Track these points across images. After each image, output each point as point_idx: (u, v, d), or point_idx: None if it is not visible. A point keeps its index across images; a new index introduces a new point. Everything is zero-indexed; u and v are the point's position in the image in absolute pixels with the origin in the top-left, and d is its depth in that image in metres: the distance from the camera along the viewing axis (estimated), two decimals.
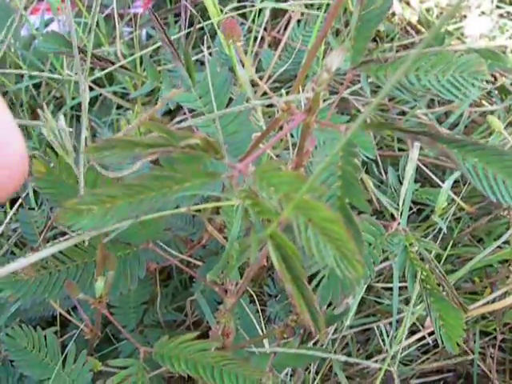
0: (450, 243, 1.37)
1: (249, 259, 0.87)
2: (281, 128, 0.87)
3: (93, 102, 1.82)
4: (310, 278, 0.85)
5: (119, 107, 1.71)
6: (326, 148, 0.69)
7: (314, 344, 1.20)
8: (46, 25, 1.85)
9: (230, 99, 1.02)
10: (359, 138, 1.07)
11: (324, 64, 0.60)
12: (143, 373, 0.95)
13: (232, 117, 0.98)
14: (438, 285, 0.94)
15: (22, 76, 1.69)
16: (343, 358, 1.08)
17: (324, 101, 0.84)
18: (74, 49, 0.75)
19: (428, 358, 1.50)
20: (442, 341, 0.93)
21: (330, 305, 0.97)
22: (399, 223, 0.97)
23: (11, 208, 1.37)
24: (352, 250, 0.54)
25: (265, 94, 1.36)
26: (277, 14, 1.84)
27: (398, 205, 1.06)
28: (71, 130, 0.84)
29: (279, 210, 0.55)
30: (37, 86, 1.78)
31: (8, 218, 1.31)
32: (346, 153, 0.66)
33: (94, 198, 0.56)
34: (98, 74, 1.07)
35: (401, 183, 1.10)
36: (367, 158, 1.11)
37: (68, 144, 0.80)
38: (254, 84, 1.30)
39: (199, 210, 1.17)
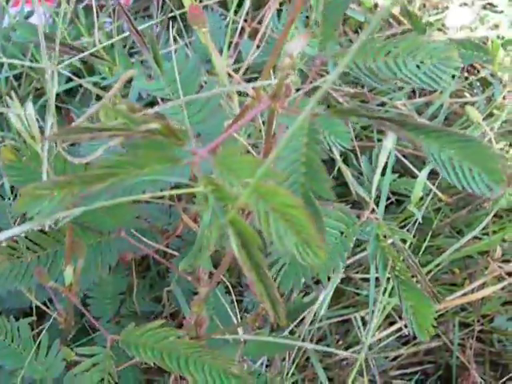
0: (429, 234, 1.37)
1: (218, 248, 0.86)
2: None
3: (74, 93, 1.81)
4: (271, 265, 0.85)
5: (100, 98, 1.70)
6: (287, 135, 0.69)
7: (290, 334, 1.20)
8: (27, 17, 1.83)
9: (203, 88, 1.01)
10: (334, 127, 1.06)
11: (286, 49, 0.60)
12: (110, 361, 0.94)
13: (201, 104, 0.98)
14: (412, 276, 0.93)
15: (2, 66, 1.68)
16: (311, 346, 1.08)
17: (297, 90, 0.83)
18: (40, 35, 0.75)
19: (407, 349, 1.50)
20: (414, 330, 0.92)
21: (300, 293, 0.97)
22: (372, 211, 0.97)
23: None
24: (313, 236, 0.54)
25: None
26: (259, 4, 1.83)
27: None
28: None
29: (240, 196, 0.55)
30: (17, 78, 1.77)
31: None
32: (311, 139, 0.66)
33: (52, 183, 0.55)
34: (70, 60, 1.06)
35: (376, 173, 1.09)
36: (345, 148, 1.10)
37: (35, 131, 0.79)
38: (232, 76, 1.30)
39: (174, 200, 1.17)
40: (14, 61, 1.09)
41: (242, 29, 1.61)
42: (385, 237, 0.93)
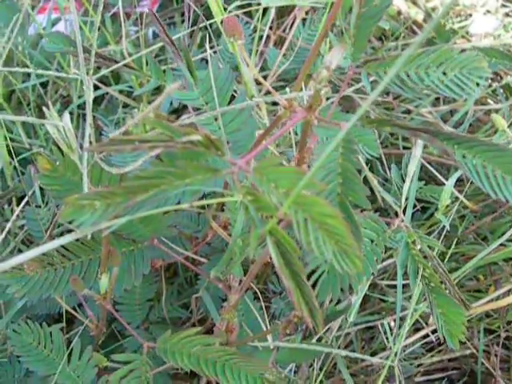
0: (454, 241, 1.37)
1: (254, 256, 0.87)
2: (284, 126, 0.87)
3: (99, 101, 1.82)
4: (310, 274, 0.86)
5: (126, 106, 1.72)
6: (326, 145, 0.70)
7: (318, 340, 1.21)
8: (53, 24, 1.85)
9: (234, 97, 1.02)
10: (363, 136, 1.07)
11: (324, 61, 0.61)
12: (146, 367, 0.96)
13: (234, 114, 0.99)
14: (441, 282, 0.94)
15: (29, 75, 1.70)
16: (344, 353, 1.08)
17: (327, 99, 0.84)
18: (79, 47, 0.76)
19: (432, 356, 1.51)
20: (444, 338, 0.93)
21: (332, 301, 0.97)
22: (402, 220, 0.98)
23: (18, 205, 1.38)
24: (351, 245, 0.55)
25: (269, 92, 1.37)
26: (282, 12, 1.84)
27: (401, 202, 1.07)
28: (77, 128, 0.85)
29: (279, 206, 0.56)
30: (44, 85, 1.79)
31: (15, 215, 1.32)
32: (346, 150, 0.67)
33: (95, 194, 0.57)
34: (103, 72, 1.07)
35: (404, 181, 1.10)
36: (371, 156, 1.11)
37: (73, 141, 0.81)
38: (259, 83, 1.31)
39: (204, 208, 1.18)
40: (42, 71, 1.11)
41: (268, 37, 1.62)
42: (414, 244, 0.94)
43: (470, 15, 1.85)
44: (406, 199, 1.10)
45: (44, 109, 0.82)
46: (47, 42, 1.14)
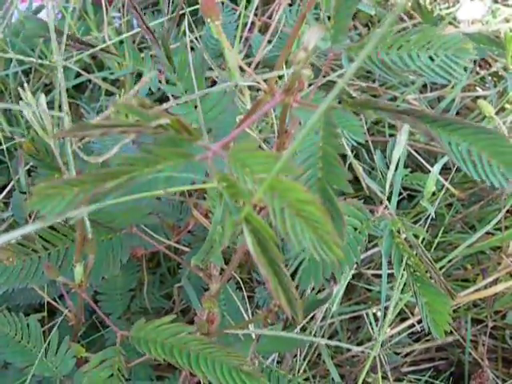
0: (441, 229, 1.36)
1: (230, 244, 0.85)
2: None
3: (83, 89, 1.80)
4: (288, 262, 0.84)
5: (110, 95, 1.70)
6: (304, 128, 0.68)
7: (302, 330, 1.19)
8: (36, 12, 1.83)
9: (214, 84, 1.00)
10: (348, 121, 1.05)
11: (301, 42, 0.59)
12: (120, 357, 0.93)
13: (215, 101, 0.97)
14: (426, 271, 0.92)
15: (10, 63, 1.68)
16: (324, 341, 1.07)
17: (310, 85, 0.82)
18: (51, 28, 0.74)
19: (419, 346, 1.49)
20: (429, 327, 0.91)
21: (314, 290, 0.96)
22: (386, 207, 0.96)
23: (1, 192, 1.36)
24: (330, 232, 0.52)
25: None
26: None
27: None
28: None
29: (255, 193, 0.54)
30: (26, 74, 1.76)
31: None
32: (327, 133, 0.65)
33: (64, 181, 0.54)
34: (82, 55, 1.05)
35: (389, 168, 1.08)
36: (357, 143, 1.09)
37: (48, 124, 0.79)
38: (243, 70, 1.29)
39: (185, 196, 1.16)
40: (23, 57, 1.08)
41: (252, 23, 1.59)
42: (399, 232, 0.92)
43: (458, 1, 1.83)
44: (391, 187, 1.08)
45: (20, 90, 0.80)
46: (26, 26, 1.12)
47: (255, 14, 1.62)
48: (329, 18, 0.75)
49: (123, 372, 0.93)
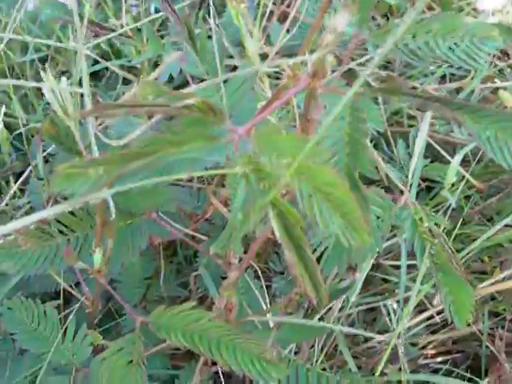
0: (460, 221, 1.34)
1: (254, 233, 0.84)
2: None
3: (100, 77, 1.80)
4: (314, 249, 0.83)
5: (126, 82, 1.69)
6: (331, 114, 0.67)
7: (320, 320, 1.18)
8: None
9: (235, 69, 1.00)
10: (368, 111, 1.04)
11: (328, 26, 0.58)
12: (139, 343, 0.92)
13: (236, 85, 0.96)
14: (448, 261, 0.91)
15: (27, 50, 1.68)
16: (345, 329, 1.06)
17: (332, 72, 0.81)
18: (74, 11, 0.73)
19: (436, 339, 1.48)
20: (452, 317, 0.90)
21: (335, 279, 0.95)
22: (408, 197, 0.95)
23: (15, 183, 1.36)
24: (358, 218, 0.52)
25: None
26: None
27: (407, 178, 1.04)
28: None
29: (282, 177, 0.53)
30: (43, 61, 1.76)
31: (12, 190, 1.30)
32: (354, 118, 0.64)
33: (88, 161, 0.53)
34: (100, 39, 1.04)
35: (411, 157, 1.07)
36: (377, 132, 1.08)
37: (69, 105, 0.78)
38: (263, 58, 1.28)
39: (204, 183, 1.15)
40: (42, 40, 1.08)
41: (271, 12, 1.58)
42: (421, 221, 0.91)
43: None
44: (412, 177, 1.07)
45: (41, 72, 0.79)
46: (45, 11, 1.11)
47: (274, 3, 1.61)
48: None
49: (143, 358, 0.92)
